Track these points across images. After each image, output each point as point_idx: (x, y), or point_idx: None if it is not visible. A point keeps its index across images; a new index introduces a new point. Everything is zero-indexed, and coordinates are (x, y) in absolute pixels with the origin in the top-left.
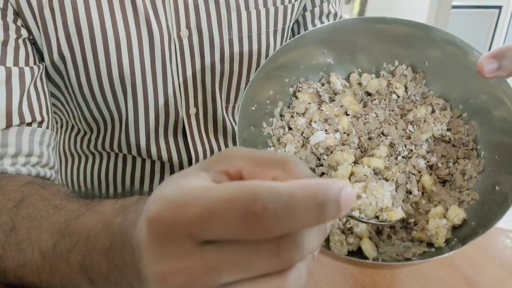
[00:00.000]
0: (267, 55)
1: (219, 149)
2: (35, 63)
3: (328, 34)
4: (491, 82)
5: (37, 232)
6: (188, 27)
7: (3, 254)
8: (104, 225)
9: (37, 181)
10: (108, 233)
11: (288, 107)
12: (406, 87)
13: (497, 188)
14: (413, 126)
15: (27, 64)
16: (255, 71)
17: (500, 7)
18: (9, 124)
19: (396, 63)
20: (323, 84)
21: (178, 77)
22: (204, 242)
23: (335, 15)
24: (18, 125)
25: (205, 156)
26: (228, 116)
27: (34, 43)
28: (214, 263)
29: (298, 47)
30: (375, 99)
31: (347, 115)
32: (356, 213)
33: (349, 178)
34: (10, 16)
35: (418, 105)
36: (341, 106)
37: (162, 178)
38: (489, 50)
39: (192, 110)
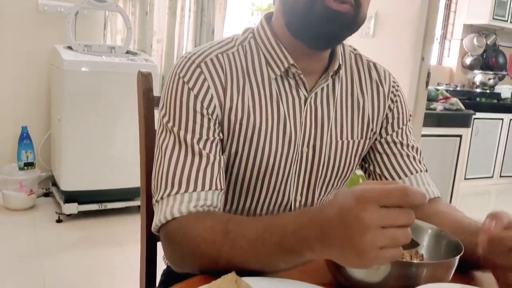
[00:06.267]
0: (344, 167)
1: None
2: (221, 154)
3: None
4: None
5: (244, 229)
6: (307, 146)
7: (221, 247)
8: (299, 215)
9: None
10: (304, 218)
11: None
12: None
13: None
14: None
15: (220, 154)
16: (337, 174)
17: (460, 136)
18: (211, 188)
19: None
20: None
21: (295, 175)
22: (381, 206)
23: (403, 144)
24: (217, 189)
25: None
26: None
27: (221, 140)
28: (386, 214)
29: None
30: None
31: None
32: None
33: None
34: (215, 124)
35: None
36: None
37: None
38: (455, 170)
39: (298, 198)
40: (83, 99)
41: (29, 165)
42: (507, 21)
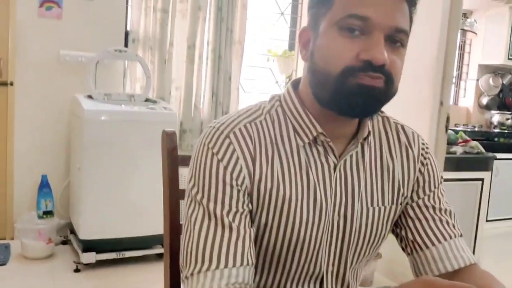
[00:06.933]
0: (376, 234)
1: None
2: (251, 227)
3: None
4: None
5: None
6: (338, 214)
7: None
8: None
9: None
10: None
11: None
12: None
13: None
14: None
15: (249, 227)
16: (368, 242)
17: (482, 179)
18: (243, 264)
19: None
20: None
21: (327, 244)
22: None
23: (436, 208)
24: (248, 264)
25: None
26: (350, 274)
27: (250, 211)
28: None
29: None
30: None
31: None
32: None
33: None
34: (244, 195)
35: None
36: None
37: None
38: (478, 212)
39: (330, 268)
40: (103, 147)
41: (48, 213)
42: None
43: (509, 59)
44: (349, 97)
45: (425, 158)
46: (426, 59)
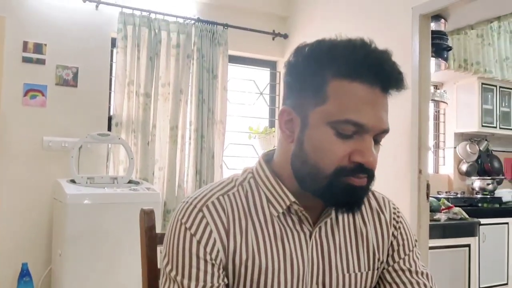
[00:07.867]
0: None
1: None
2: None
3: None
4: None
5: None
6: (317, 283)
7: None
8: None
9: None
10: None
11: None
12: None
13: None
14: None
15: None
16: None
17: (469, 245)
18: None
19: None
20: None
21: None
22: None
23: (412, 272)
24: None
25: None
26: None
27: (226, 285)
28: None
29: None
30: None
31: None
32: None
33: None
34: (219, 269)
35: None
36: None
37: None
38: (469, 280)
39: None
40: (85, 232)
41: None
42: (496, 127)
43: (483, 126)
44: (338, 195)
45: (397, 222)
46: (401, 130)
